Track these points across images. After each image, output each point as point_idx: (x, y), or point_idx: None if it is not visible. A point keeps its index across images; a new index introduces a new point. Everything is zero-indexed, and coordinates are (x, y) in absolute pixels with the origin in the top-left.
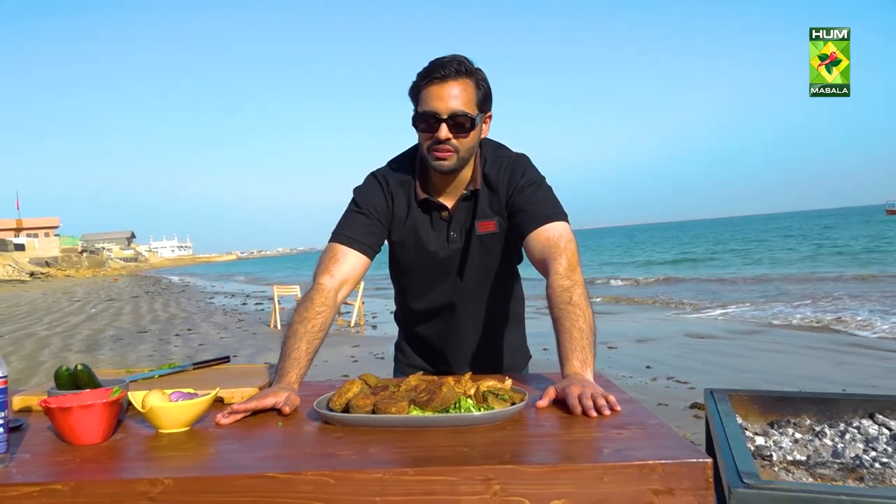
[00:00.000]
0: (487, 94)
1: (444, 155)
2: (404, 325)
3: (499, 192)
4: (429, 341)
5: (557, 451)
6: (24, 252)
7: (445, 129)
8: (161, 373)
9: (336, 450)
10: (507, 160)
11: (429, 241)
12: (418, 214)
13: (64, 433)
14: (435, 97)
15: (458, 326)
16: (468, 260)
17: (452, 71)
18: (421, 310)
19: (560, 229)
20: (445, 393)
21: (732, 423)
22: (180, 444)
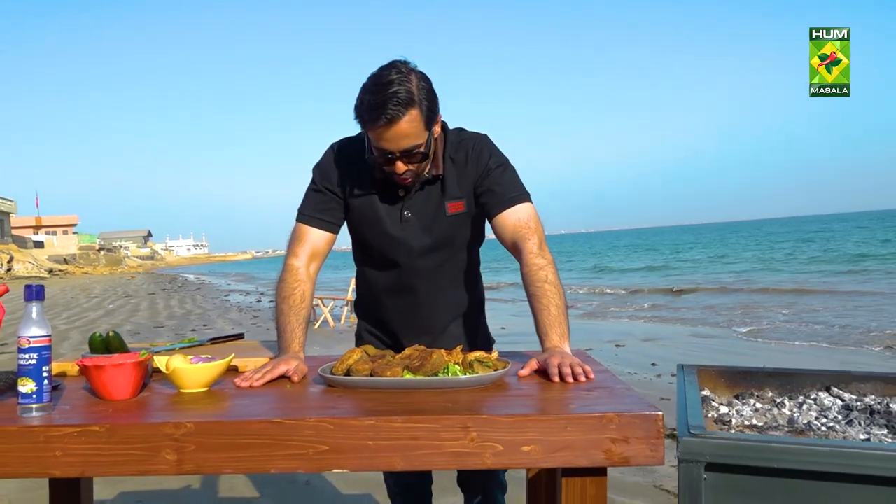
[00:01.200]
0: (432, 108)
1: (407, 180)
2: (365, 311)
3: (466, 172)
4: (389, 325)
5: (529, 405)
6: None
7: (401, 165)
8: (181, 346)
9: (337, 404)
10: (472, 141)
11: (382, 217)
12: (375, 186)
13: (98, 389)
14: (385, 139)
15: (418, 309)
16: (427, 240)
17: (395, 110)
18: (380, 290)
19: (528, 210)
20: (435, 359)
21: (693, 389)
22: (200, 399)
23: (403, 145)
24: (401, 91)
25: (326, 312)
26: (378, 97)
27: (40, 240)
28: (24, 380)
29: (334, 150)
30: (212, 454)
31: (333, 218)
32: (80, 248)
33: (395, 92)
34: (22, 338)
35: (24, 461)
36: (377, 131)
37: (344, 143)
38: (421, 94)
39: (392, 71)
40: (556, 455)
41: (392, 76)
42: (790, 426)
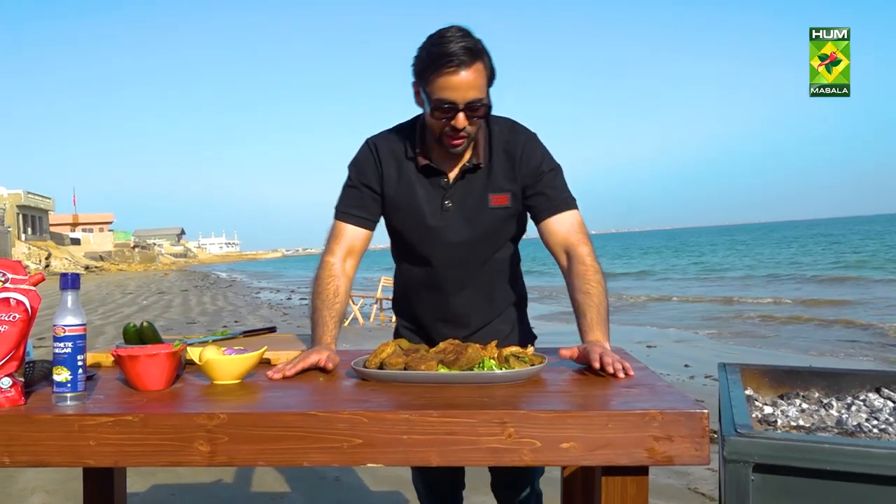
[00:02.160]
0: (493, 70)
1: (460, 142)
2: (403, 308)
3: (517, 169)
4: (427, 322)
5: (569, 402)
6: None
7: (462, 118)
8: (214, 338)
9: (370, 398)
10: (525, 137)
11: (422, 207)
12: (416, 178)
13: (131, 379)
14: (449, 87)
15: (457, 305)
16: (467, 232)
17: (466, 59)
18: (418, 285)
19: (578, 217)
20: (471, 353)
21: (737, 388)
22: (232, 391)
23: (469, 96)
24: (468, 42)
25: (356, 310)
26: (445, 46)
27: (77, 237)
28: (59, 368)
29: (370, 145)
30: (245, 446)
31: (369, 214)
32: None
33: (463, 43)
34: (57, 326)
35: (59, 450)
36: (444, 78)
37: (380, 136)
38: (485, 52)
39: (454, 29)
40: (597, 453)
41: (457, 31)
42: (839, 428)
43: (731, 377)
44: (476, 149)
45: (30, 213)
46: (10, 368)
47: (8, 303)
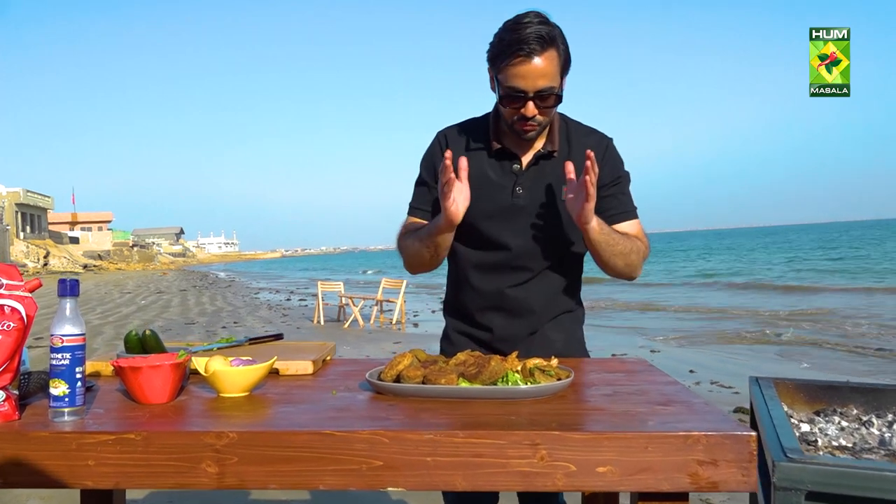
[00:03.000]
0: (568, 57)
1: (530, 129)
2: (456, 308)
3: (599, 167)
4: (482, 321)
5: (603, 421)
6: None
7: (532, 107)
8: (219, 346)
9: (389, 414)
10: (606, 138)
11: (492, 189)
12: (487, 163)
13: (133, 392)
14: (520, 75)
15: (516, 300)
16: (535, 222)
17: (538, 47)
18: (476, 278)
19: (640, 226)
20: (493, 367)
21: (776, 404)
22: (241, 405)
23: (539, 84)
24: (542, 30)
25: (356, 312)
26: (519, 33)
27: (76, 236)
28: (57, 381)
29: (439, 136)
30: (255, 467)
31: (438, 209)
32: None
33: (537, 30)
34: (55, 336)
35: (56, 470)
36: (514, 67)
37: (451, 127)
38: (560, 39)
39: (532, 14)
40: (635, 478)
41: (534, 18)
42: (884, 449)
43: (766, 392)
44: (551, 136)
45: (28, 212)
46: (3, 381)
47: (2, 311)
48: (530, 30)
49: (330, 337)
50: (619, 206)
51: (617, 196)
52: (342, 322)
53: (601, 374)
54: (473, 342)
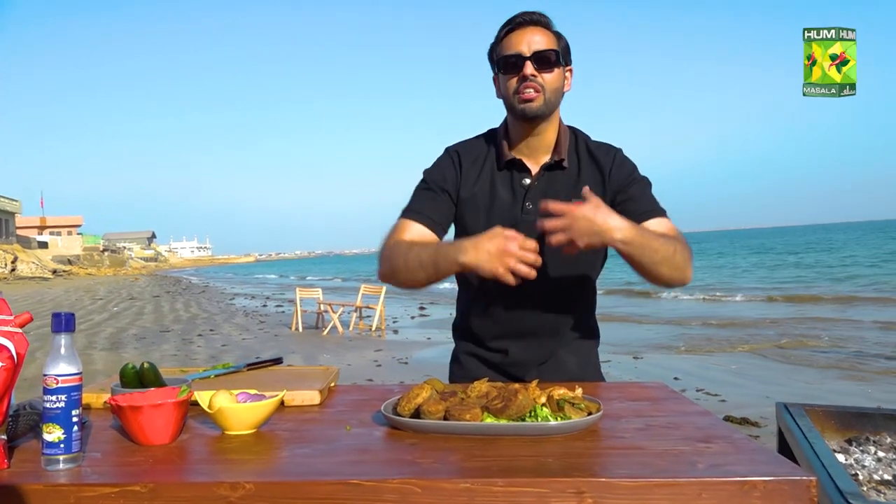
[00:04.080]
0: (567, 48)
1: (532, 95)
2: (466, 329)
3: (608, 177)
4: (493, 343)
5: (648, 464)
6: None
7: (531, 66)
8: (217, 373)
9: (414, 457)
10: (614, 148)
11: (502, 206)
12: (497, 178)
13: (133, 432)
14: (517, 41)
15: (529, 322)
16: (545, 239)
17: (534, 19)
18: (488, 297)
19: (671, 224)
20: (521, 401)
21: (819, 440)
22: (250, 446)
23: (535, 46)
24: (542, 15)
25: (335, 319)
26: (518, 13)
27: (45, 240)
28: (51, 426)
29: (449, 151)
30: None
31: (440, 218)
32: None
33: (536, 12)
34: (48, 376)
35: None
36: (511, 35)
37: (459, 144)
38: (559, 31)
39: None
40: None
41: (534, 11)
42: None
43: (801, 422)
44: (558, 146)
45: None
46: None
47: None
48: (530, 11)
49: (309, 344)
50: (639, 207)
51: (636, 198)
52: (321, 329)
53: (625, 402)
54: (485, 366)
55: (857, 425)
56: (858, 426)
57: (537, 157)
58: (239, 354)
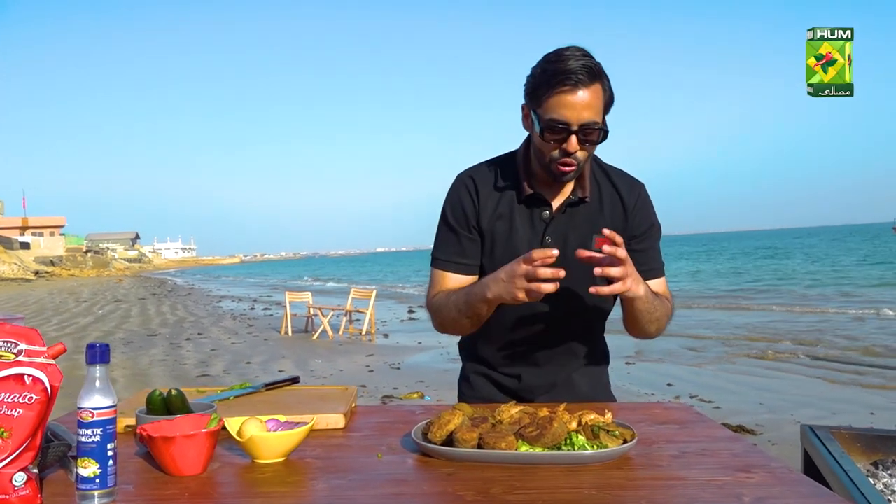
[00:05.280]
0: (612, 95)
1: (569, 169)
2: (476, 352)
3: (630, 216)
4: (504, 368)
5: (693, 497)
6: (29, 251)
7: (575, 141)
8: (235, 393)
9: (455, 489)
10: (639, 186)
11: (521, 239)
12: (516, 210)
13: (164, 463)
14: (565, 105)
15: (542, 350)
16: (566, 273)
17: (585, 78)
18: (502, 325)
19: (666, 284)
20: (556, 428)
21: (853, 467)
22: (285, 477)
23: (585, 117)
24: (589, 61)
25: (325, 323)
26: (564, 64)
27: (27, 241)
28: (86, 461)
29: (464, 180)
30: None
31: (471, 259)
32: (67, 249)
33: (583, 62)
34: (83, 410)
35: None
36: (558, 97)
37: (474, 169)
38: (605, 75)
39: (574, 48)
40: None
41: (577, 51)
42: None
43: (830, 446)
44: (581, 181)
45: None
46: (24, 461)
47: (22, 381)
48: (576, 62)
49: (299, 348)
50: (648, 262)
51: (646, 251)
52: (310, 333)
53: (653, 426)
54: (497, 388)
55: (883, 447)
56: (884, 448)
57: (559, 191)
58: (229, 359)
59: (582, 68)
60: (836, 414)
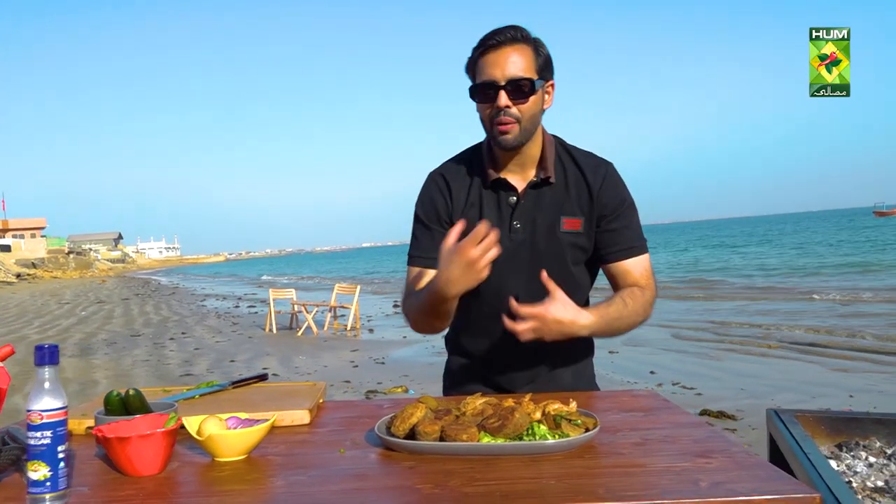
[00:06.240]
0: (548, 61)
1: (507, 127)
2: (459, 345)
3: (597, 195)
4: (488, 361)
5: (651, 483)
6: (9, 253)
7: (505, 97)
8: (201, 392)
9: (414, 482)
10: (605, 164)
11: (490, 223)
12: (484, 198)
13: (121, 464)
14: (491, 64)
15: (520, 342)
16: (535, 257)
17: (508, 37)
18: (480, 317)
19: (648, 262)
20: (518, 419)
21: (815, 450)
22: (243, 475)
23: (510, 73)
24: (518, 29)
25: (310, 319)
26: (493, 32)
27: (7, 243)
28: (36, 464)
29: (434, 178)
30: None
31: None
32: (48, 251)
33: (511, 28)
34: (32, 412)
35: None
36: (486, 56)
37: (442, 166)
38: (538, 43)
39: (510, 25)
40: None
41: (513, 25)
42: None
43: (793, 430)
44: (544, 163)
45: None
46: None
47: None
48: (503, 28)
49: (284, 346)
50: (623, 241)
51: (620, 230)
52: (295, 330)
53: (618, 413)
54: (480, 380)
55: (847, 430)
56: (847, 431)
57: (523, 172)
58: (213, 358)
59: (507, 31)
60: (815, 398)
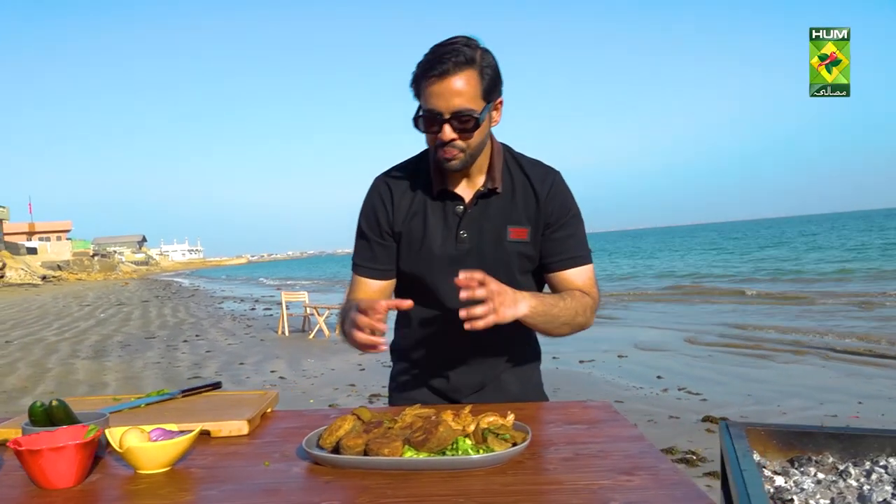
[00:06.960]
0: (494, 81)
1: (451, 155)
2: (405, 353)
3: (543, 204)
4: (433, 368)
5: (564, 502)
6: (36, 256)
7: (449, 130)
8: (149, 401)
9: (323, 498)
10: (552, 174)
11: (436, 236)
12: (430, 208)
13: (34, 476)
14: (435, 95)
15: (467, 350)
16: (482, 266)
17: (452, 64)
18: (425, 325)
19: (592, 272)
20: (442, 433)
21: (752, 467)
22: (159, 488)
23: (454, 105)
24: (463, 51)
25: (321, 322)
26: (436, 54)
27: (33, 246)
28: None
29: (378, 186)
30: None
31: (384, 265)
32: (73, 254)
33: (455, 50)
34: None
35: None
36: (429, 86)
37: (388, 171)
38: (484, 62)
39: (457, 38)
40: None
41: (456, 40)
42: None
43: (737, 443)
44: (492, 172)
45: None
46: None
47: None
48: (448, 48)
49: (294, 348)
50: (568, 251)
51: (565, 240)
52: (307, 332)
53: (562, 426)
54: (426, 389)
55: (800, 444)
56: (800, 445)
57: (471, 181)
58: (223, 360)
59: (452, 55)
60: (823, 404)
